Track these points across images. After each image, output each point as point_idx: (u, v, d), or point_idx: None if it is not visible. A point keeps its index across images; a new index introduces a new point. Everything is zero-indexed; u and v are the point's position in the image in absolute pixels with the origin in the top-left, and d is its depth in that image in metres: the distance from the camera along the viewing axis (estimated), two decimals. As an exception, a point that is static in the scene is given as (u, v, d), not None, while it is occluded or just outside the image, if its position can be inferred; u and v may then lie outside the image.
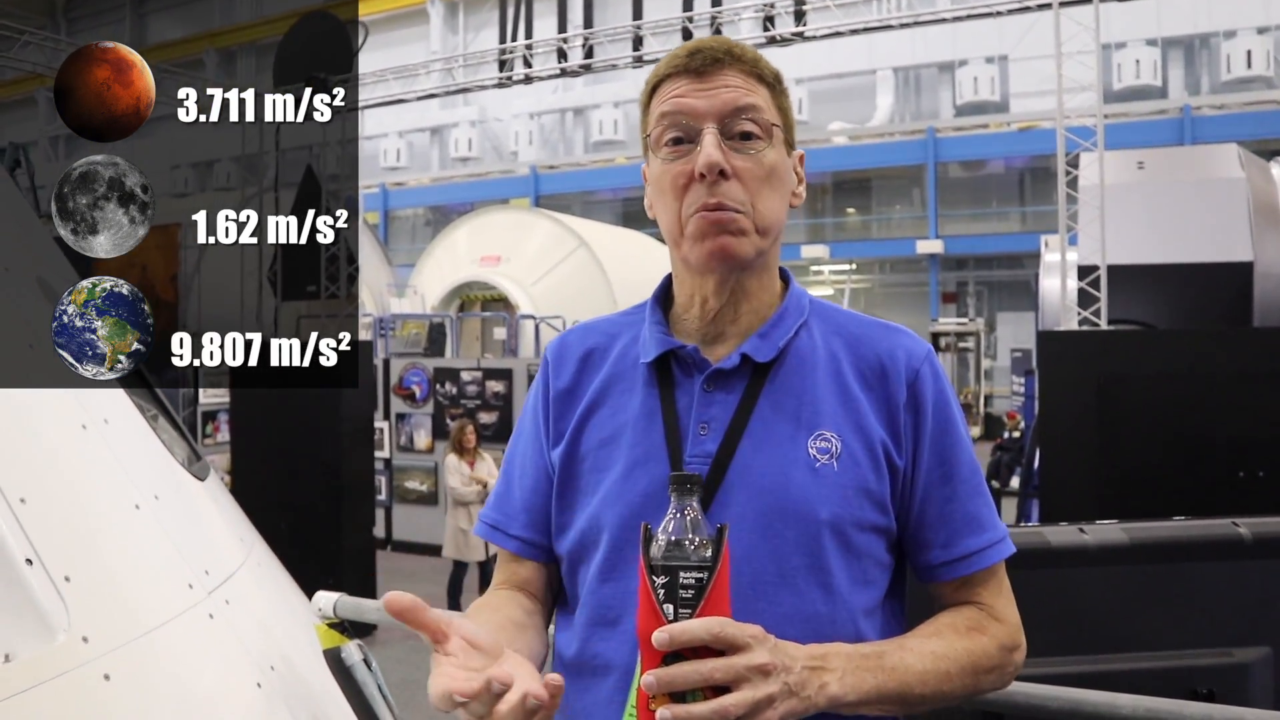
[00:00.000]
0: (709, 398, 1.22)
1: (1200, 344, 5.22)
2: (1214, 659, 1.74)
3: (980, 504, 1.24)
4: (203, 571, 1.52)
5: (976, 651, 1.18)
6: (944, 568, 1.22)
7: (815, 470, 1.17)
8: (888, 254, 26.37)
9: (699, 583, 1.01)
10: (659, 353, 1.26)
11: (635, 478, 1.21)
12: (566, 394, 1.31)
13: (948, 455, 1.23)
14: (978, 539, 1.22)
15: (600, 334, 1.36)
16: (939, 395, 1.23)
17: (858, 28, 7.13)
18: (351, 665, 1.65)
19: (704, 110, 1.19)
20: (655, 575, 1.02)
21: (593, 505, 1.23)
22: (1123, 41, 22.07)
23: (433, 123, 30.11)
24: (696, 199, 1.19)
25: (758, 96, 1.21)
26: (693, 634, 0.98)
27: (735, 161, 1.18)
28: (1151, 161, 7.10)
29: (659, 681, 0.99)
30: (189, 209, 13.15)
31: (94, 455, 1.45)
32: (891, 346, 1.25)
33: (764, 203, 1.20)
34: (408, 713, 6.30)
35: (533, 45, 8.31)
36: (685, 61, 1.22)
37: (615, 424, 1.26)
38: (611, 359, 1.31)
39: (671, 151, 1.21)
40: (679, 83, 1.21)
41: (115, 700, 1.20)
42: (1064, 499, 5.22)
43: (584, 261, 15.18)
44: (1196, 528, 1.93)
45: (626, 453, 1.23)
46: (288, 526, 7.10)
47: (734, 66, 1.21)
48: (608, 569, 1.21)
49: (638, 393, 1.26)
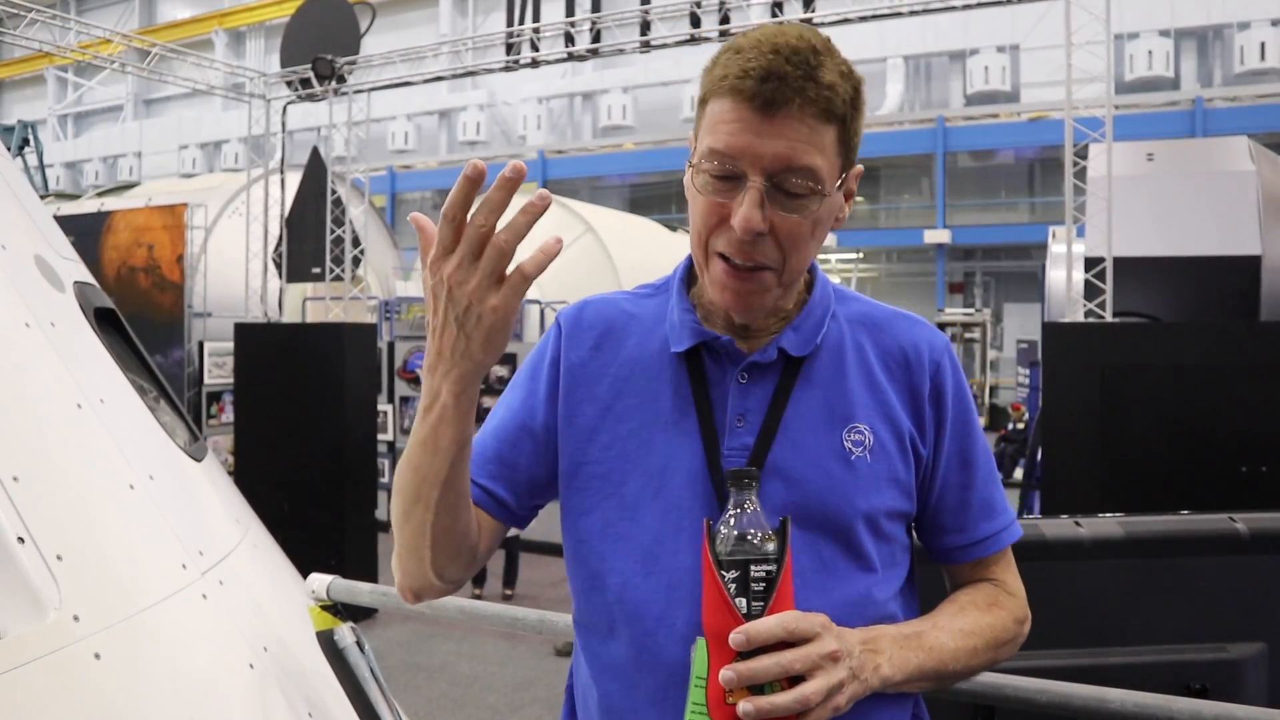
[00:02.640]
0: (744, 390, 1.21)
1: (1206, 338, 5.19)
2: (1208, 654, 1.74)
3: (993, 489, 1.30)
4: (197, 552, 1.53)
5: (997, 626, 1.25)
6: (961, 550, 1.29)
7: (850, 463, 1.19)
8: (895, 243, 26.31)
9: (769, 576, 1.03)
10: (693, 344, 1.23)
11: (674, 471, 1.19)
12: (579, 369, 1.27)
13: (966, 444, 1.27)
14: (992, 524, 1.29)
15: (619, 311, 1.31)
16: (958, 386, 1.28)
17: (867, 15, 7.07)
18: (344, 648, 1.66)
19: (755, 156, 1.09)
20: (725, 570, 1.03)
21: (626, 496, 1.20)
22: (1135, 32, 21.91)
23: (441, 106, 30.06)
24: (725, 245, 1.13)
25: (819, 150, 1.10)
26: (770, 632, 1.00)
27: (776, 219, 1.11)
28: (1161, 153, 7.05)
29: (740, 676, 1.00)
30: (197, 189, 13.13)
31: (88, 434, 1.45)
32: (914, 338, 1.27)
33: (798, 256, 1.15)
34: (408, 695, 6.33)
35: (540, 29, 8.27)
36: (753, 89, 1.07)
37: (645, 413, 1.22)
38: (634, 341, 1.27)
39: (712, 184, 1.13)
40: (738, 110, 1.09)
41: (105, 679, 1.21)
42: (1066, 491, 5.21)
43: (590, 247, 15.16)
44: (1192, 522, 1.93)
45: (661, 445, 1.20)
46: (290, 508, 7.13)
47: (805, 109, 1.08)
48: (649, 564, 1.18)
49: (668, 381, 1.23)
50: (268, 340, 8.02)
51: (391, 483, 1.21)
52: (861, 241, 26.24)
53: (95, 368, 1.60)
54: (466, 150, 29.73)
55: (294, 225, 9.25)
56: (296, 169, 9.61)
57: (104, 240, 11.72)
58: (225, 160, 32.02)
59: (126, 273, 11.58)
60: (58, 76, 36.87)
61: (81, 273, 1.90)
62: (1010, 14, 19.74)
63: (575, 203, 17.27)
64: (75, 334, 1.62)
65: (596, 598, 1.23)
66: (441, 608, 2.10)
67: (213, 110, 32.20)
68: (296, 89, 9.21)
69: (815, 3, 7.08)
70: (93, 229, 11.73)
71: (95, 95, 36.45)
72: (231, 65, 11.06)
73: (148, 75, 9.91)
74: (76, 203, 14.50)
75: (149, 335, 10.65)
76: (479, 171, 0.98)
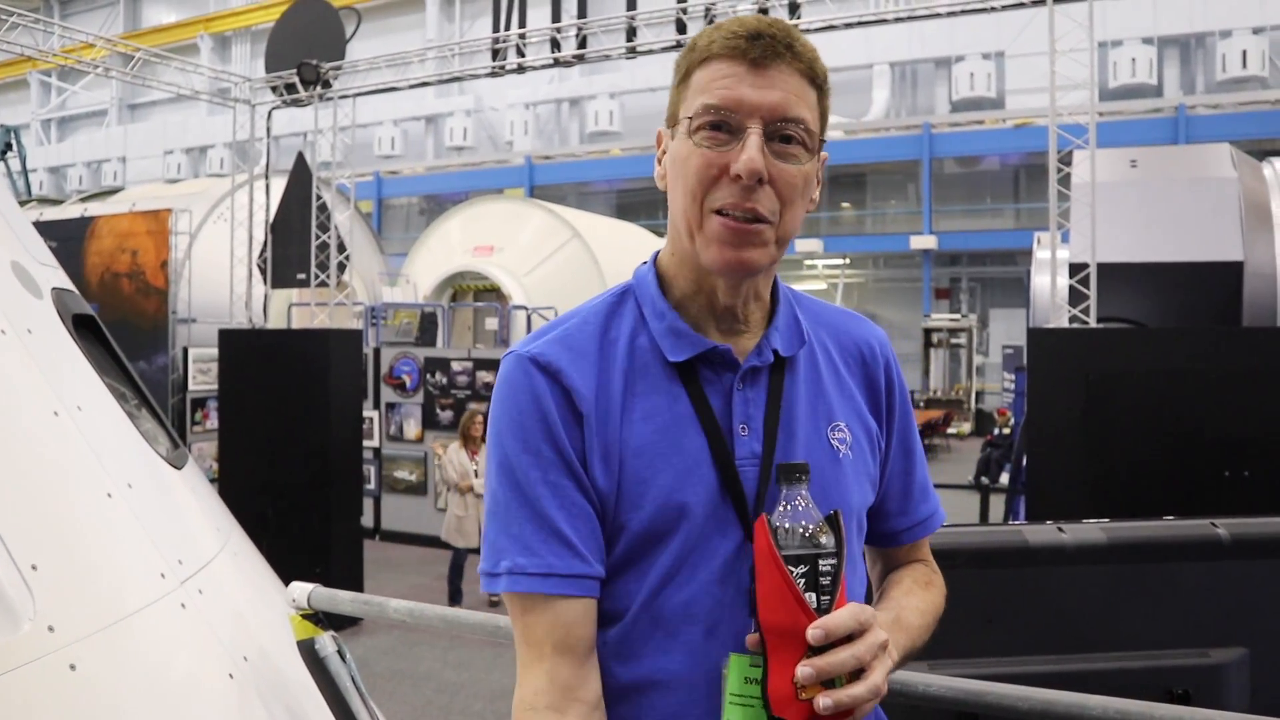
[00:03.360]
0: (743, 396, 1.20)
1: (1189, 343, 5.22)
2: (1190, 659, 1.74)
3: (926, 472, 1.37)
4: (176, 561, 1.51)
5: (937, 601, 1.32)
6: (905, 533, 1.35)
7: (839, 460, 1.22)
8: (882, 249, 26.37)
9: (834, 570, 1.04)
10: (692, 354, 1.19)
11: (691, 485, 1.15)
12: (594, 405, 1.17)
13: (907, 431, 1.34)
14: (928, 505, 1.37)
15: (591, 330, 1.23)
16: (900, 378, 1.34)
17: (853, 21, 7.10)
18: (325, 657, 1.64)
19: (753, 106, 1.12)
20: (795, 565, 1.02)
21: (639, 519, 1.15)
22: (1119, 39, 22.07)
23: (428, 111, 30.01)
24: (725, 198, 1.13)
25: (807, 105, 1.15)
26: (845, 625, 1.02)
27: (773, 168, 1.12)
28: (1144, 160, 7.09)
29: (819, 671, 1.00)
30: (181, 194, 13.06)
31: (65, 442, 1.43)
32: (864, 334, 1.33)
33: (791, 212, 1.16)
34: (393, 704, 6.29)
35: (526, 35, 8.27)
36: (744, 46, 1.12)
37: (648, 429, 1.17)
38: (620, 354, 1.21)
39: (708, 138, 1.13)
40: (731, 67, 1.13)
41: (81, 691, 1.19)
42: (1051, 496, 5.22)
43: (577, 253, 15.15)
44: (1175, 528, 1.93)
45: (672, 460, 1.16)
46: (275, 514, 7.09)
47: (792, 64, 1.13)
48: (665, 580, 1.15)
49: (663, 393, 1.19)
50: (253, 346, 7.98)
51: (377, 490, 1.19)
52: (848, 247, 26.30)
53: (73, 375, 1.59)
54: (453, 155, 29.70)
55: (279, 231, 9.21)
56: (282, 174, 9.58)
57: (88, 246, 11.65)
58: (210, 165, 31.89)
59: (110, 278, 11.52)
60: (41, 81, 36.66)
61: (60, 279, 1.88)
62: (996, 21, 19.86)
63: (562, 208, 17.26)
64: (53, 341, 1.60)
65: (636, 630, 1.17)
66: (424, 616, 2.08)
67: (198, 115, 32.07)
68: (282, 94, 9.18)
69: (801, 9, 7.10)
70: (76, 234, 11.66)
71: (79, 100, 36.26)
72: (217, 70, 11.02)
73: (132, 80, 9.87)
74: (60, 208, 14.41)
75: (133, 341, 10.59)
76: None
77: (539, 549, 1.12)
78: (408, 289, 15.37)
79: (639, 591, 1.15)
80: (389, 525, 10.14)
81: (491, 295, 15.55)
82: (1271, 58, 21.61)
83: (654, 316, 1.22)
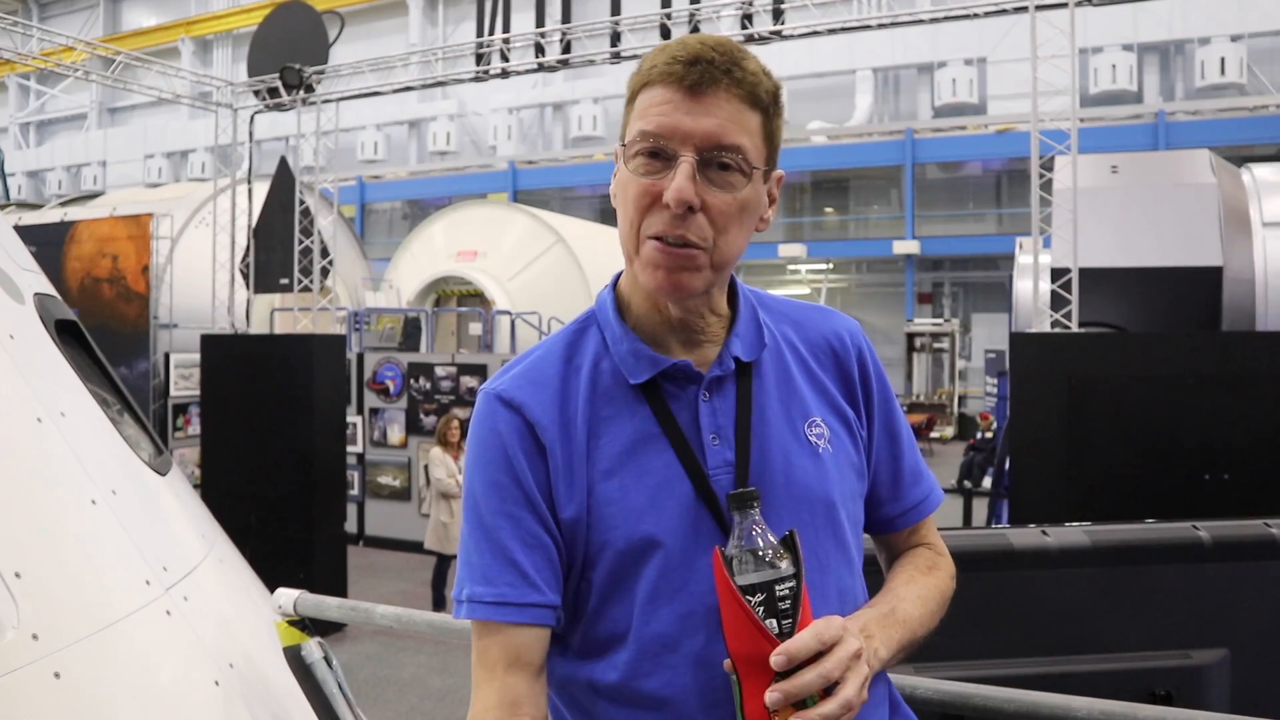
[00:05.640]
0: (710, 407, 1.21)
1: (1169, 347, 5.26)
2: (1173, 661, 1.76)
3: (917, 456, 1.37)
4: (160, 568, 1.50)
5: (941, 586, 1.32)
6: (901, 518, 1.35)
7: (818, 456, 1.22)
8: (864, 254, 26.45)
9: (793, 592, 1.04)
10: (653, 374, 1.20)
11: (664, 505, 1.16)
12: (560, 442, 1.19)
13: (891, 417, 1.34)
14: (921, 488, 1.36)
15: (555, 366, 1.24)
16: (876, 364, 1.33)
17: (836, 27, 7.13)
18: (311, 663, 1.63)
19: (686, 134, 1.12)
20: (751, 595, 1.03)
21: (620, 536, 1.16)
22: (1099, 46, 22.23)
23: (411, 116, 29.94)
24: (657, 224, 1.14)
25: (746, 131, 1.14)
26: (807, 647, 1.02)
27: (707, 196, 1.12)
28: (1125, 166, 7.15)
29: (786, 694, 1.01)
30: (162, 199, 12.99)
31: (49, 449, 1.42)
32: (834, 327, 1.33)
33: (727, 238, 1.15)
34: (378, 709, 6.25)
35: (510, 39, 8.27)
36: (681, 72, 1.12)
37: (615, 453, 1.19)
38: (583, 385, 1.22)
39: (644, 164, 1.15)
40: (668, 93, 1.13)
41: (65, 698, 1.18)
42: (1033, 500, 5.25)
43: (561, 257, 15.13)
44: (1157, 530, 1.95)
45: (643, 479, 1.17)
46: (258, 521, 7.06)
47: (731, 90, 1.13)
48: (650, 601, 1.16)
49: (628, 415, 1.20)
50: (235, 352, 7.94)
51: (361, 495, 1.19)
52: (831, 252, 26.39)
53: (56, 381, 1.58)
54: (436, 160, 29.63)
55: (262, 235, 9.17)
56: (264, 179, 9.54)
57: (67, 251, 11.56)
58: (192, 170, 31.71)
59: (90, 284, 11.43)
60: (19, 84, 36.38)
61: (42, 284, 1.87)
62: (978, 28, 19.98)
63: (546, 213, 17.25)
64: (35, 346, 1.59)
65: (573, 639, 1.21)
66: (411, 621, 2.08)
67: (179, 119, 31.89)
68: (264, 98, 9.15)
69: (784, 15, 7.13)
70: (55, 239, 11.57)
71: (58, 103, 35.99)
72: (198, 74, 10.96)
73: (112, 83, 9.81)
74: (39, 212, 14.29)
75: (114, 347, 10.51)
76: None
77: (495, 578, 1.16)
78: (391, 294, 15.31)
79: (630, 613, 1.17)
80: (373, 531, 10.10)
81: (475, 300, 15.52)
82: (1250, 65, 21.83)
83: (614, 341, 1.24)
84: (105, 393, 1.86)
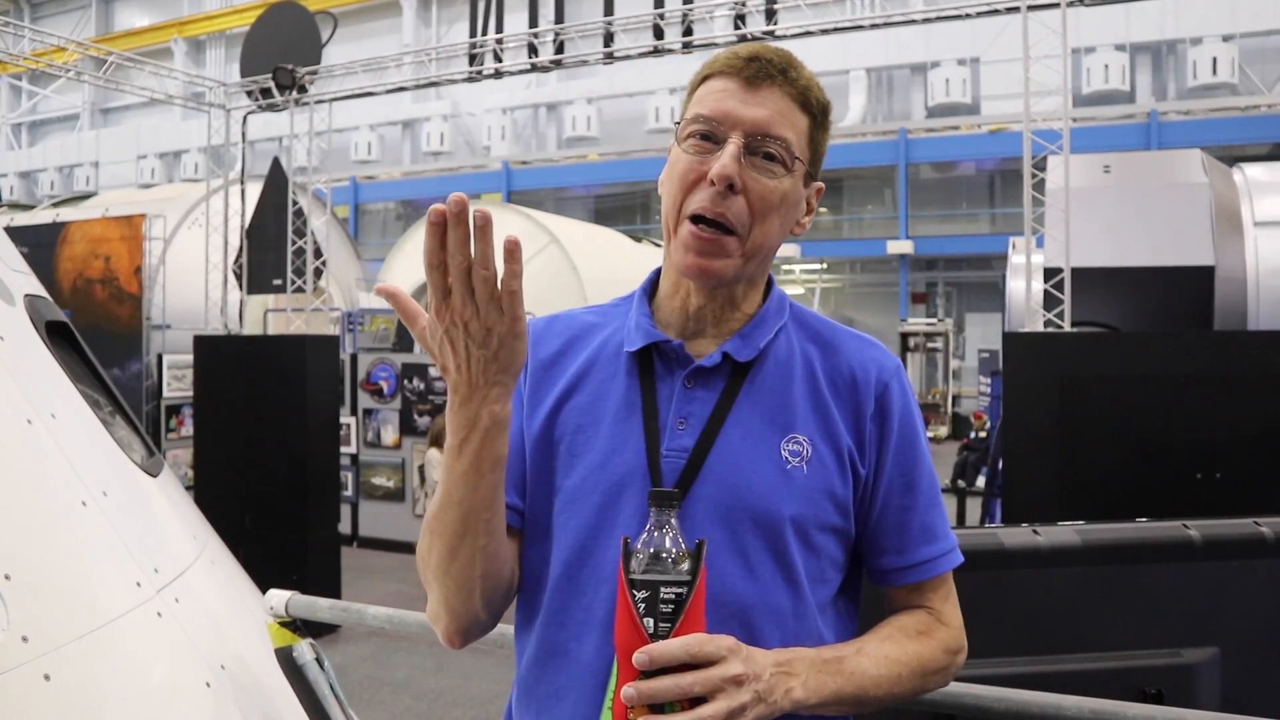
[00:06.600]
0: (689, 394, 1.24)
1: (1162, 347, 5.27)
2: (1163, 659, 1.76)
3: (936, 515, 1.30)
4: (152, 569, 1.50)
5: (925, 655, 1.24)
6: (898, 573, 1.28)
7: (786, 471, 1.21)
8: (858, 254, 26.48)
9: (679, 598, 1.04)
10: (644, 344, 1.27)
11: (611, 466, 1.22)
12: (549, 365, 1.32)
13: (910, 467, 1.28)
14: (931, 548, 1.28)
15: (588, 319, 1.37)
16: (905, 408, 1.28)
17: (829, 27, 7.14)
18: (303, 664, 1.63)
19: (737, 119, 1.19)
20: (636, 590, 1.04)
21: (567, 489, 1.23)
22: (1092, 46, 22.28)
23: (404, 116, 29.89)
24: (699, 202, 1.19)
25: (794, 127, 1.21)
26: (672, 654, 1.02)
27: (749, 180, 1.19)
28: (1117, 166, 7.17)
29: (640, 694, 1.01)
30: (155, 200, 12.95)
31: (39, 450, 1.42)
32: (864, 359, 1.29)
33: (763, 227, 1.21)
34: (371, 711, 6.23)
35: (503, 40, 8.26)
36: (740, 65, 1.21)
37: (595, 410, 1.26)
38: (595, 343, 1.31)
39: (695, 145, 1.21)
40: (726, 83, 1.21)
41: (56, 701, 1.18)
42: (1026, 500, 5.26)
43: (555, 258, 15.12)
44: (1147, 529, 1.96)
45: (605, 441, 1.23)
46: (251, 522, 7.04)
47: (784, 88, 1.21)
48: (578, 557, 1.21)
49: (619, 380, 1.27)
50: (228, 352, 7.92)
51: (355, 496, 1.21)
52: (825, 252, 26.41)
53: (46, 382, 1.57)
54: (430, 161, 29.59)
55: (255, 236, 9.16)
56: (257, 179, 9.52)
57: (59, 252, 11.52)
58: (185, 170, 31.62)
59: (83, 284, 11.40)
60: (11, 84, 36.26)
61: (33, 285, 1.87)
62: (970, 28, 20.02)
63: (540, 214, 17.24)
64: (26, 348, 1.59)
65: (535, 586, 1.26)
66: (403, 622, 2.08)
67: (172, 120, 31.79)
68: (257, 98, 9.14)
69: (778, 15, 7.14)
70: (48, 240, 11.52)
71: (50, 104, 35.87)
72: (191, 74, 10.94)
73: (105, 84, 9.78)
74: (31, 213, 14.25)
75: (106, 348, 10.48)
76: (440, 215, 1.03)
77: None
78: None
79: (553, 564, 1.22)
80: (366, 532, 10.08)
81: (469, 300, 15.50)
82: (1241, 65, 21.90)
83: (634, 314, 1.31)
84: (96, 394, 1.85)
